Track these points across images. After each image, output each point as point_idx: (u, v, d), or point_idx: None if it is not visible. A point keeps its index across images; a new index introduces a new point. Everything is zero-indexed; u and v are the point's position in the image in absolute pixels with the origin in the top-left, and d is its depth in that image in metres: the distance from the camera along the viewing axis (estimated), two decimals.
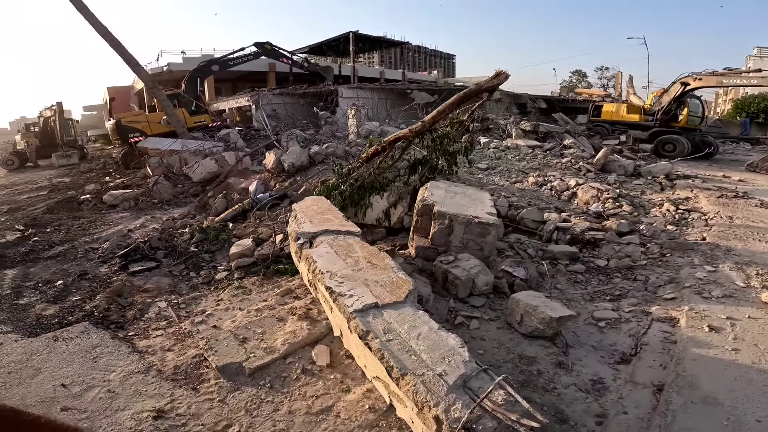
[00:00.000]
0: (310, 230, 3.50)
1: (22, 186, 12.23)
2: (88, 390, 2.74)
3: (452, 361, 1.88)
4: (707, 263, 4.48)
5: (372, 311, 2.27)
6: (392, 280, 2.57)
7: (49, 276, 5.00)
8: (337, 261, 2.89)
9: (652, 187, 8.87)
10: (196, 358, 2.98)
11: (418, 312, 2.25)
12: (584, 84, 47.12)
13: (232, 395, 2.53)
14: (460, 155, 5.59)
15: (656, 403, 2.39)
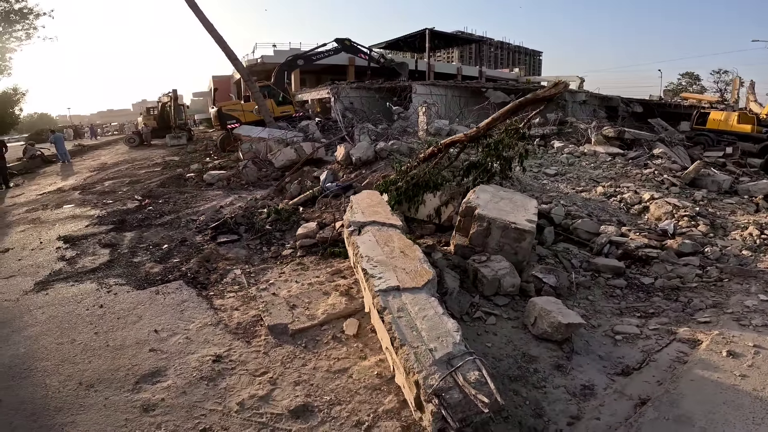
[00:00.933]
0: (360, 220, 4.07)
1: (141, 162, 14.68)
2: (172, 335, 3.59)
3: (445, 341, 2.30)
4: (765, 292, 4.20)
5: (393, 292, 2.77)
6: (417, 269, 3.03)
7: (158, 240, 6.24)
8: (376, 248, 3.42)
9: (745, 208, 8.02)
10: (255, 318, 3.73)
11: (431, 298, 2.69)
12: (696, 88, 41.54)
13: (274, 350, 3.21)
14: (515, 161, 5.74)
15: (631, 414, 2.52)
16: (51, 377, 3.11)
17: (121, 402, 2.81)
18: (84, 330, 3.72)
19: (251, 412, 2.65)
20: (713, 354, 3.18)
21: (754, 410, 2.59)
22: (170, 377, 3.04)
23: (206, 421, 2.59)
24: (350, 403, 2.64)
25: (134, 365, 3.19)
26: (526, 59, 78.70)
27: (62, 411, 2.74)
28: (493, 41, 61.18)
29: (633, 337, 3.45)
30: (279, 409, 2.64)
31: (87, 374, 3.12)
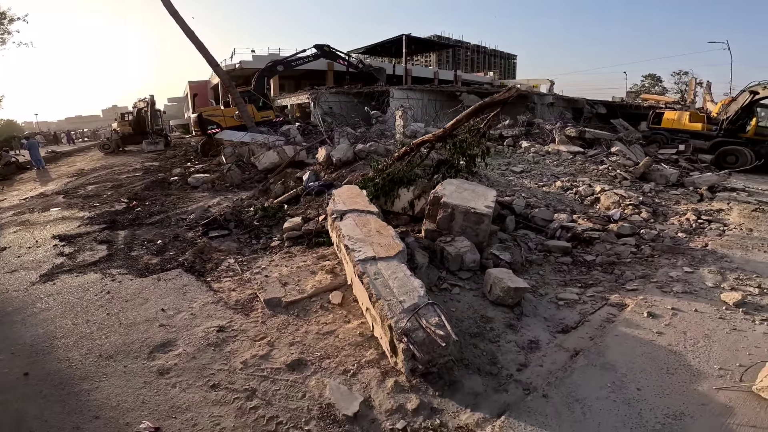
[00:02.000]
0: (341, 209, 4.70)
1: (120, 167, 14.85)
2: (178, 313, 4.09)
3: (411, 295, 2.95)
4: (690, 266, 5.02)
5: (370, 261, 3.40)
6: (390, 243, 3.67)
7: (151, 237, 6.67)
8: (355, 229, 4.05)
9: (689, 198, 9.02)
10: (251, 296, 4.28)
11: (401, 264, 3.33)
12: (658, 89, 44.16)
13: (270, 319, 3.79)
14: (479, 158, 6.48)
15: (567, 362, 3.14)
16: (72, 352, 3.53)
17: (139, 369, 3.26)
18: (96, 312, 4.18)
19: (254, 368, 3.18)
20: (636, 315, 3.84)
21: (668, 361, 3.18)
22: (180, 346, 3.53)
23: (215, 378, 3.09)
24: (337, 356, 3.23)
25: (147, 338, 3.67)
26: (501, 62, 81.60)
27: (86, 379, 3.17)
28: (469, 45, 63.48)
29: (573, 302, 4.14)
30: (277, 365, 3.20)
31: (105, 348, 3.56)
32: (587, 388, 2.83)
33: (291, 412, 2.70)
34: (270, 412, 2.70)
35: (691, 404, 2.73)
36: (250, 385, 2.97)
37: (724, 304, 4.07)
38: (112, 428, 2.65)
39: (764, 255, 5.65)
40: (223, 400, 2.83)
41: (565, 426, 2.52)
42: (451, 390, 2.80)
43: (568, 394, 2.78)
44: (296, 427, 2.57)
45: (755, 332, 3.58)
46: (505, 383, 2.91)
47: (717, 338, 3.49)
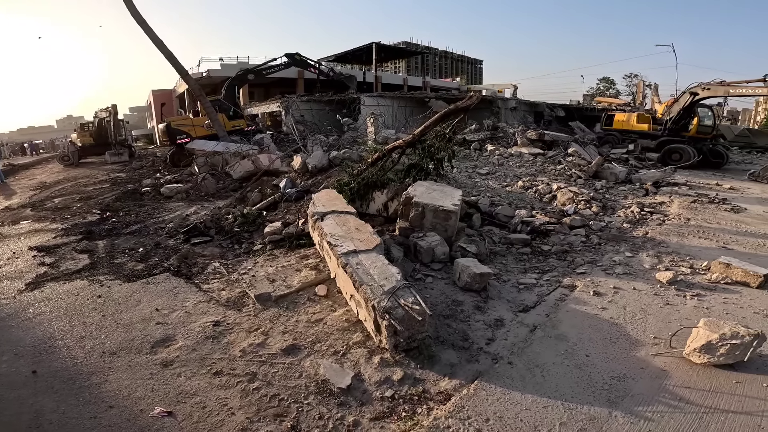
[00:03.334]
0: (322, 210, 5.17)
1: (84, 179, 14.64)
2: (172, 312, 4.40)
3: (390, 279, 3.46)
4: (630, 251, 5.81)
5: (351, 254, 3.89)
6: (368, 238, 4.18)
7: (132, 245, 6.87)
8: (336, 228, 4.53)
9: (635, 193, 10.04)
10: (241, 294, 4.64)
11: (380, 255, 3.85)
12: (612, 92, 47.26)
13: (262, 312, 4.19)
14: (445, 161, 7.12)
15: (528, 335, 3.69)
16: (75, 351, 3.76)
17: (143, 362, 3.54)
18: (91, 314, 4.44)
19: (252, 355, 3.55)
20: (584, 294, 4.46)
21: (611, 332, 3.72)
22: (180, 341, 3.85)
23: (217, 366, 3.43)
24: (328, 340, 3.67)
25: (146, 335, 3.96)
26: (468, 68, 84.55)
27: (94, 374, 3.41)
28: (437, 51, 65.59)
29: (531, 286, 4.75)
30: (274, 350, 3.58)
31: (107, 345, 3.82)
32: (545, 355, 3.36)
33: (290, 389, 3.10)
34: (272, 391, 3.09)
35: (632, 368, 3.20)
36: (251, 369, 3.34)
37: (658, 282, 4.74)
38: (128, 415, 2.93)
39: (698, 240, 6.54)
40: (227, 384, 3.19)
41: (529, 386, 2.99)
42: (430, 363, 3.29)
43: (530, 361, 3.29)
44: (297, 402, 2.97)
45: (686, 306, 4.21)
46: (476, 355, 3.41)
47: (652, 312, 4.08)
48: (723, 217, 8.05)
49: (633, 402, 2.85)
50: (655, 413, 2.76)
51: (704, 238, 6.65)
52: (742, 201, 9.57)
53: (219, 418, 2.86)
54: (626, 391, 2.96)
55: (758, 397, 2.92)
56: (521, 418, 2.70)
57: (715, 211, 8.53)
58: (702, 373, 3.15)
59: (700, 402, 2.87)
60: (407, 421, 2.72)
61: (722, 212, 8.44)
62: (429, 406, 2.86)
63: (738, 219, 7.98)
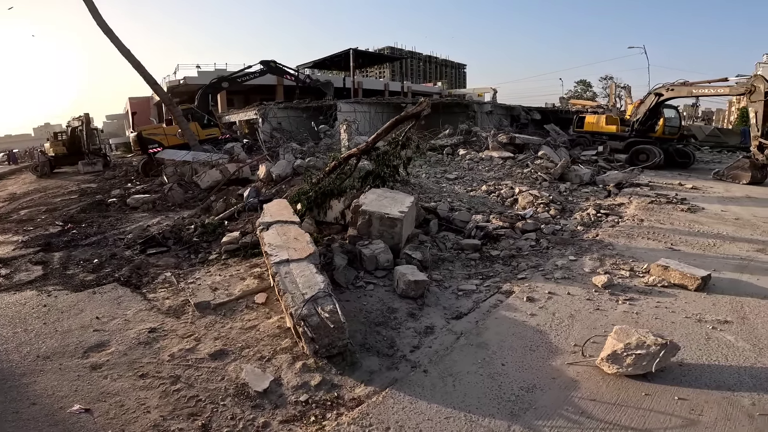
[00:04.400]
0: (268, 220, 5.30)
1: (54, 190, 14.57)
2: (112, 320, 4.49)
3: (314, 288, 3.60)
4: (575, 255, 5.98)
5: (284, 263, 4.03)
6: (304, 247, 4.32)
7: (87, 256, 6.92)
8: (277, 237, 4.67)
9: (598, 195, 10.32)
10: (183, 302, 4.75)
11: (310, 264, 3.99)
12: (589, 94, 48.31)
13: (199, 320, 4.31)
14: (401, 168, 7.30)
15: (452, 343, 3.73)
16: (12, 355, 3.87)
17: (73, 365, 3.66)
18: (34, 322, 4.51)
19: (180, 359, 3.68)
20: (517, 300, 4.53)
21: (533, 340, 3.74)
22: (113, 346, 3.96)
23: (144, 369, 3.55)
24: (256, 346, 3.80)
25: (81, 341, 4.06)
26: (452, 72, 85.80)
27: (25, 375, 3.55)
28: (421, 56, 66.69)
29: (470, 292, 4.84)
30: (202, 355, 3.72)
31: (42, 350, 3.93)
32: (462, 364, 3.40)
33: (210, 391, 3.24)
34: (191, 392, 3.23)
35: (544, 378, 3.21)
36: (176, 373, 3.48)
37: (594, 286, 4.84)
38: (48, 411, 3.10)
39: (646, 242, 6.77)
40: (150, 386, 3.33)
41: (438, 396, 3.04)
42: (351, 369, 3.42)
43: (445, 369, 3.33)
44: (213, 403, 3.11)
45: (616, 311, 4.28)
46: (397, 362, 3.50)
47: (580, 318, 4.15)
48: (678, 218, 8.32)
49: (534, 415, 2.86)
50: (552, 428, 2.75)
51: (653, 240, 6.89)
52: (701, 200, 9.89)
53: (134, 415, 3.01)
54: (531, 403, 2.98)
55: (665, 411, 2.86)
56: (422, 428, 2.77)
57: (671, 211, 8.82)
58: (612, 384, 3.14)
59: (601, 417, 2.84)
60: (314, 426, 2.85)
61: (678, 212, 8.73)
62: (339, 412, 3.00)
63: (693, 219, 8.26)
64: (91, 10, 13.36)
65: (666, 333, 3.73)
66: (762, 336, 3.82)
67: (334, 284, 4.81)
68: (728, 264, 5.75)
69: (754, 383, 3.16)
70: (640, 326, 3.89)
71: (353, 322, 4.11)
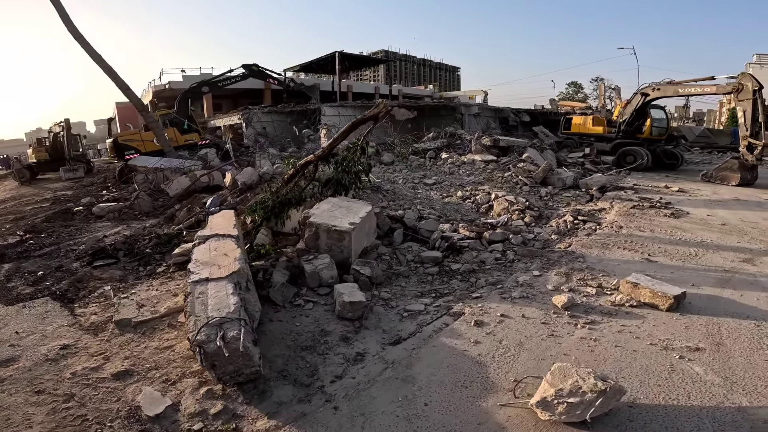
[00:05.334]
0: (206, 234, 5.02)
1: (29, 198, 14.37)
2: (30, 335, 4.28)
3: (223, 311, 3.31)
4: (541, 269, 5.56)
5: (202, 282, 3.75)
6: (229, 265, 4.03)
7: (35, 268, 6.68)
8: (206, 253, 4.38)
9: (579, 199, 9.95)
10: (108, 318, 4.51)
11: (229, 284, 3.70)
12: (581, 95, 48.14)
13: (116, 338, 4.07)
14: (362, 175, 6.99)
15: (378, 374, 3.36)
16: None
17: None
18: None
19: (81, 378, 3.48)
20: (464, 324, 4.11)
21: (469, 374, 3.33)
22: (21, 361, 3.77)
23: (42, 386, 3.37)
24: (166, 368, 3.55)
25: None
26: (446, 75, 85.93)
27: None
28: (415, 59, 66.89)
29: (417, 313, 4.45)
30: (105, 375, 3.50)
31: None
32: (380, 401, 3.05)
33: (100, 412, 3.05)
34: (81, 411, 3.06)
35: (469, 423, 2.84)
36: (72, 391, 3.30)
37: (553, 307, 4.42)
38: None
39: (621, 252, 6.38)
40: (42, 402, 3.17)
41: None
42: (259, 398, 3.14)
43: (358, 407, 3.01)
44: (100, 424, 2.93)
45: (572, 338, 3.87)
46: (312, 394, 3.18)
47: (530, 346, 3.74)
48: (659, 224, 7.94)
49: None
50: None
51: (629, 249, 6.52)
52: (687, 204, 9.50)
53: (16, 429, 2.91)
54: None
55: None
56: None
57: (653, 216, 8.44)
58: None
59: None
60: None
61: (660, 218, 8.35)
62: None
63: (675, 225, 7.87)
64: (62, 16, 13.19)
65: (624, 366, 3.41)
66: (737, 366, 3.41)
67: (270, 303, 4.55)
68: (709, 277, 5.35)
69: (714, 429, 2.76)
70: (596, 355, 3.58)
71: (278, 346, 3.86)
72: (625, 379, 3.23)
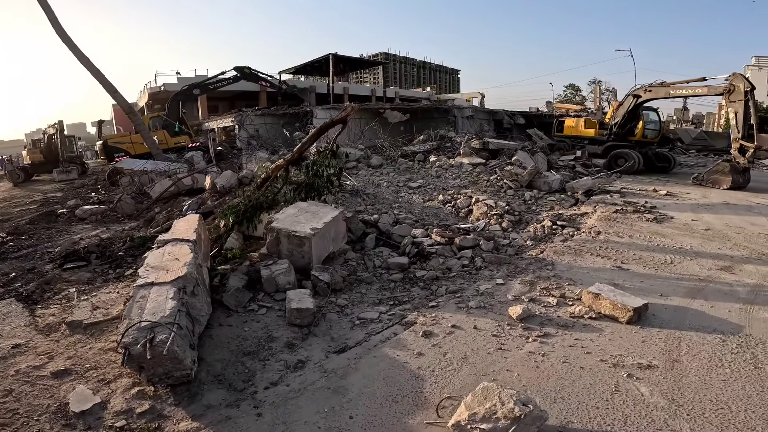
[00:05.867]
0: (166, 238, 5.06)
1: (20, 199, 14.54)
2: None
3: (158, 315, 3.35)
4: (506, 276, 5.48)
5: (146, 286, 3.79)
6: (177, 269, 4.06)
7: (8, 269, 6.77)
8: (159, 258, 4.41)
9: (563, 203, 9.87)
10: (63, 320, 4.58)
11: (172, 289, 3.73)
12: (579, 98, 47.99)
13: (65, 338, 4.14)
14: (335, 179, 7.01)
15: (312, 383, 3.34)
16: None
17: None
18: None
19: (23, 374, 3.57)
20: (412, 334, 4.02)
21: (403, 387, 3.25)
22: None
23: None
24: (105, 368, 3.62)
25: None
26: (446, 77, 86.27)
27: None
28: (415, 61, 67.43)
29: (369, 321, 4.40)
30: (45, 373, 3.59)
31: None
32: (305, 411, 3.03)
33: (32, 407, 3.17)
34: (15, 406, 3.19)
35: None
36: (12, 387, 3.41)
37: (509, 318, 4.30)
38: None
39: (594, 259, 6.26)
40: None
41: None
42: (189, 401, 3.19)
43: (282, 415, 3.01)
44: (28, 417, 3.06)
45: (520, 352, 3.73)
46: (242, 399, 3.21)
47: (473, 360, 3.62)
48: (640, 229, 7.85)
49: None
50: None
51: (602, 256, 6.43)
52: (673, 208, 9.40)
53: None
54: None
55: None
56: None
57: (635, 221, 8.34)
58: None
59: None
60: None
61: (642, 223, 8.25)
62: None
63: (656, 230, 7.78)
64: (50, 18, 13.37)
65: (566, 384, 3.30)
66: (688, 387, 3.23)
67: (223, 307, 4.58)
68: (680, 287, 5.21)
69: None
70: (540, 372, 3.47)
71: (221, 350, 3.90)
72: (563, 399, 3.13)
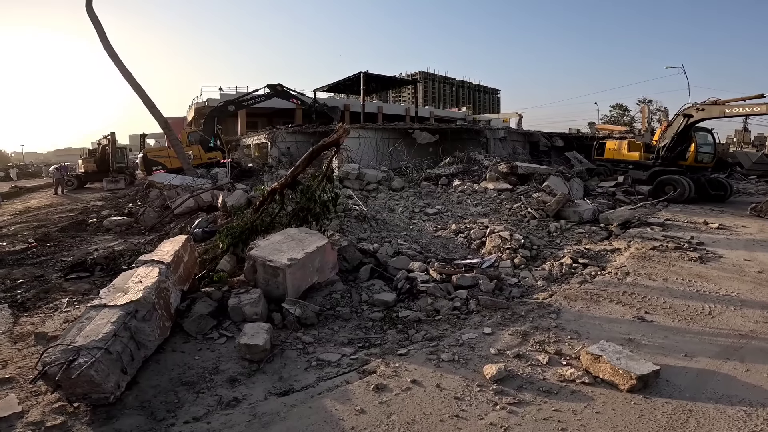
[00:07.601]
0: (145, 259, 5.12)
1: (64, 206, 15.71)
2: None
3: (90, 338, 3.39)
4: (497, 324, 4.92)
5: (98, 307, 3.83)
6: (135, 293, 4.05)
7: (19, 275, 7.23)
8: (127, 279, 4.47)
9: (593, 237, 8.98)
10: (42, 329, 4.76)
11: (118, 312, 3.75)
12: (627, 118, 45.04)
13: (27, 348, 4.36)
14: (330, 204, 6.88)
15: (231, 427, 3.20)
16: None
17: None
18: None
19: None
20: (363, 386, 3.66)
21: None
22: None
23: None
24: None
25: None
26: (486, 97, 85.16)
27: None
28: (454, 81, 67.36)
29: (327, 364, 4.13)
30: None
31: None
32: None
33: None
34: None
35: None
36: None
37: (482, 378, 3.82)
38: None
39: (611, 307, 5.49)
40: None
41: None
42: (102, 423, 3.23)
43: None
44: None
45: (479, 422, 3.21)
46: (156, 430, 3.19)
47: (420, 427, 3.17)
48: (678, 270, 6.85)
49: None
50: None
51: (623, 304, 5.64)
52: (724, 245, 8.28)
53: None
54: None
55: None
56: None
57: (675, 260, 7.33)
58: None
59: None
60: None
61: (683, 262, 7.22)
62: None
63: (698, 272, 6.76)
64: (99, 33, 14.54)
65: None
66: None
67: (184, 333, 4.53)
68: (713, 344, 4.44)
69: None
70: None
71: (161, 376, 3.86)
72: None
